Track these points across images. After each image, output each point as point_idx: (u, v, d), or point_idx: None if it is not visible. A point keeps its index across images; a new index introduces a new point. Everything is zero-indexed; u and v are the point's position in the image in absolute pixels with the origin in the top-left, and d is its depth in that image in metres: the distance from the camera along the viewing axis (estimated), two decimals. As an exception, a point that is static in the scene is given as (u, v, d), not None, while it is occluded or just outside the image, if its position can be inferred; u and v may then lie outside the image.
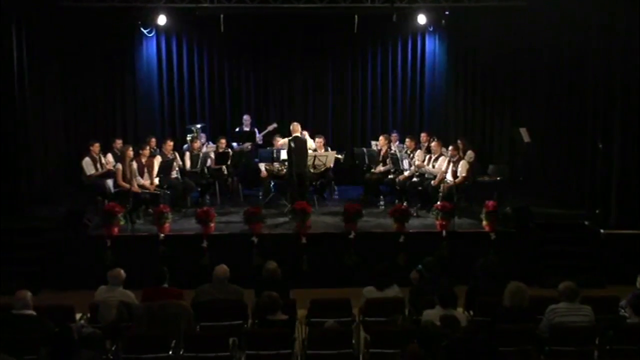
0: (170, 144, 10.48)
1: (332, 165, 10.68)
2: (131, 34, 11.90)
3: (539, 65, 11.16)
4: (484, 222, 8.76)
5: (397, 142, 11.22)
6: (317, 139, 10.88)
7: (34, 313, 5.55)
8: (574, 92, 10.48)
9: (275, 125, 11.78)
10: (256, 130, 11.72)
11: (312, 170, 10.37)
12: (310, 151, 10.11)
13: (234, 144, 11.33)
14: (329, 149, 11.00)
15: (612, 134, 9.34)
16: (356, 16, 11.17)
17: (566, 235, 9.21)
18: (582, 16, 9.92)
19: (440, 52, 12.34)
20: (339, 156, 10.95)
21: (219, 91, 12.57)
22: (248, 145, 11.47)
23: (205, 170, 10.66)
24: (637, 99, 8.93)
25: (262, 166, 10.72)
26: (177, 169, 10.36)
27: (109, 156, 10.34)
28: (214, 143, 11.32)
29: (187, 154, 10.61)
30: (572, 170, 10.62)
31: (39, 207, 10.18)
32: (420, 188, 9.93)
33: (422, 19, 11.45)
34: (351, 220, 8.72)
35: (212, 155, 10.78)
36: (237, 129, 11.63)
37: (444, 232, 8.65)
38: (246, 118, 11.71)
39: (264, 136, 11.69)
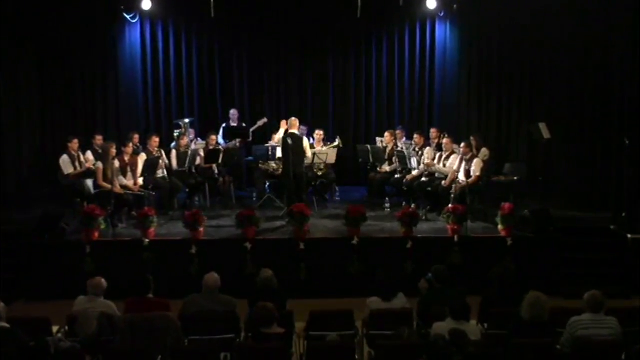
0: (155, 140, 10.48)
1: (334, 162, 10.69)
2: (113, 20, 11.90)
3: (561, 54, 11.16)
4: (500, 227, 8.76)
5: (404, 139, 11.22)
6: (316, 131, 10.91)
7: (7, 325, 5.54)
8: (598, 83, 10.49)
9: (265, 120, 11.80)
10: (243, 125, 11.74)
11: (314, 170, 10.39)
12: (308, 151, 10.11)
13: (221, 141, 11.34)
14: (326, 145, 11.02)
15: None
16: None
17: (590, 241, 9.21)
18: (607, 5, 9.92)
19: (451, 40, 12.32)
20: (336, 142, 10.92)
21: (209, 82, 12.58)
22: (236, 142, 11.48)
23: (194, 169, 10.66)
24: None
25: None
26: (163, 168, 10.36)
27: (89, 154, 10.34)
28: (203, 139, 11.33)
29: (174, 151, 10.61)
30: (596, 169, 10.62)
31: (12, 209, 10.17)
32: (429, 189, 9.94)
33: (431, 4, 11.46)
34: (354, 224, 8.72)
35: (202, 152, 10.79)
36: (223, 125, 11.64)
37: (455, 238, 8.65)
38: (233, 112, 11.73)
39: (253, 132, 11.71)
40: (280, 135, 10.34)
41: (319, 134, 10.95)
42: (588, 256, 8.96)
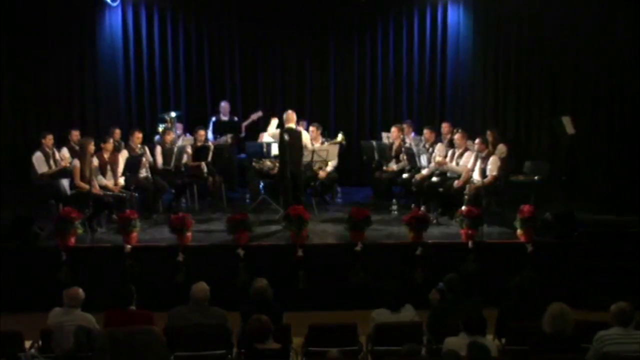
0: (138, 136, 10.49)
1: (335, 161, 10.69)
2: (91, 3, 11.90)
3: (585, 43, 11.14)
4: (519, 231, 8.76)
5: (413, 134, 11.23)
6: (310, 129, 10.88)
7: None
8: (627, 75, 10.48)
9: (260, 113, 11.81)
10: (235, 119, 11.75)
11: (314, 169, 10.39)
12: (309, 145, 10.11)
13: (211, 137, 11.35)
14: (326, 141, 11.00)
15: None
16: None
17: (618, 247, 9.20)
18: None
19: (465, 26, 12.33)
20: (339, 138, 10.91)
21: (198, 72, 12.60)
22: (228, 138, 11.47)
23: (181, 167, 10.66)
24: None
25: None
26: (146, 166, 10.37)
27: (65, 151, 10.34)
28: (191, 135, 11.33)
29: (159, 148, 10.62)
30: (625, 168, 10.61)
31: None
32: (441, 189, 9.94)
33: (443, -15, 11.48)
34: (357, 229, 8.73)
35: (189, 149, 10.79)
36: (213, 119, 11.65)
37: (470, 243, 8.65)
38: (224, 105, 11.74)
39: (246, 127, 11.70)
40: (270, 131, 10.29)
41: (313, 130, 10.86)
42: (616, 264, 8.95)
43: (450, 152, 10.24)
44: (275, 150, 10.16)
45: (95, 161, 9.57)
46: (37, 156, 10.02)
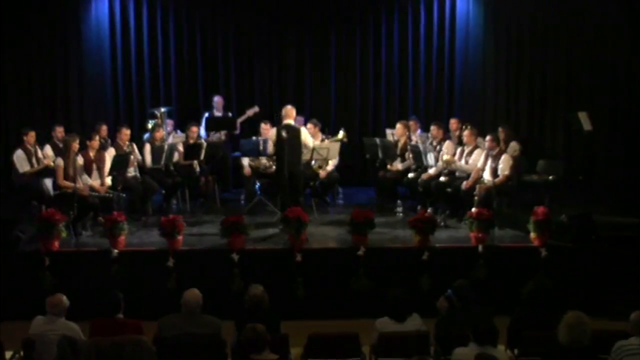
0: (126, 133, 10.50)
1: (336, 160, 10.69)
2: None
3: (604, 33, 11.14)
4: (532, 235, 8.76)
5: (419, 131, 11.24)
6: (308, 125, 10.85)
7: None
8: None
9: (256, 109, 11.80)
10: (229, 114, 11.75)
11: (313, 168, 10.39)
12: (308, 143, 10.11)
13: (203, 134, 11.35)
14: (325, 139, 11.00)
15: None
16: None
17: (638, 251, 9.19)
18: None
19: (475, 15, 12.35)
20: (340, 135, 10.91)
21: (189, 65, 12.60)
22: (221, 134, 11.48)
23: (172, 166, 10.66)
24: None
25: (246, 161, 10.74)
26: (135, 165, 10.37)
27: (48, 148, 10.35)
28: (182, 132, 11.33)
29: (148, 146, 10.61)
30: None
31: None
32: (449, 190, 9.94)
33: (451, -28, 11.48)
34: (360, 232, 8.72)
35: (180, 147, 10.80)
36: (206, 114, 11.65)
37: (480, 248, 8.64)
38: (217, 100, 11.75)
39: (241, 123, 11.71)
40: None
41: (310, 127, 10.83)
42: (636, 269, 8.92)
43: (459, 150, 10.24)
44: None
45: (80, 160, 9.57)
46: (18, 154, 10.02)
